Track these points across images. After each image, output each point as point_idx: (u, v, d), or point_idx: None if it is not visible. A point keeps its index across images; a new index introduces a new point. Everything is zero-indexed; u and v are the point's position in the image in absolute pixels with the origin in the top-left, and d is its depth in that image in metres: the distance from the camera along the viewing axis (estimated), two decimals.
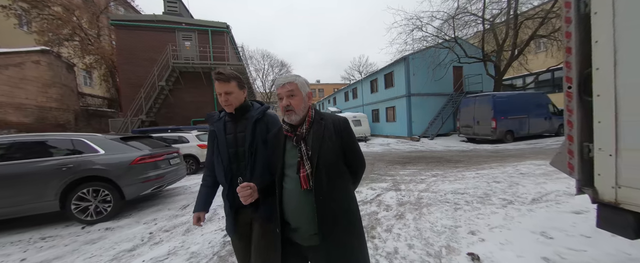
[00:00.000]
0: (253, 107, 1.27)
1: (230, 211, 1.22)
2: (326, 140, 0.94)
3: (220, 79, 1.15)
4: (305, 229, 0.93)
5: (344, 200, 0.94)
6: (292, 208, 0.95)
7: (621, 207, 1.04)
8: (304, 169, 0.91)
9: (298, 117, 0.96)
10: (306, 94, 0.99)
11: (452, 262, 1.84)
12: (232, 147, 1.19)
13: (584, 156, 1.16)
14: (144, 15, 12.51)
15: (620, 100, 1.01)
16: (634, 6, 0.96)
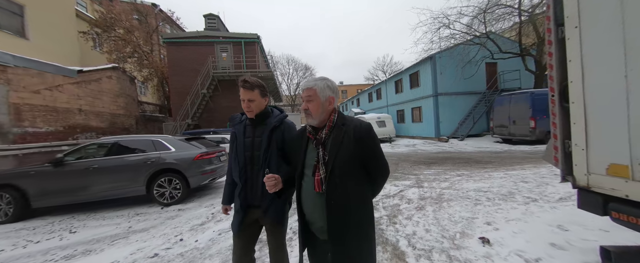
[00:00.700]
0: (273, 114, 1.33)
1: (240, 209, 1.27)
2: (344, 147, 0.93)
3: (245, 86, 1.24)
4: (319, 225, 0.97)
5: (356, 206, 0.94)
6: (308, 205, 1.00)
7: (592, 190, 1.30)
8: (319, 173, 0.94)
9: (315, 120, 0.98)
10: (326, 98, 0.98)
11: (464, 244, 2.14)
12: (248, 150, 1.26)
13: (565, 150, 1.43)
14: (189, 33, 14.29)
15: (587, 107, 1.28)
16: (594, 35, 1.24)
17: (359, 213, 0.94)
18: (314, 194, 0.95)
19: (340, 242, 0.90)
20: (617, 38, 1.14)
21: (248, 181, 1.26)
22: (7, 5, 10.67)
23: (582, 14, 1.29)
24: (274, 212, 1.24)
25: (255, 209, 1.27)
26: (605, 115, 1.21)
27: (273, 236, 1.29)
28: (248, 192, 1.26)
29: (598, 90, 1.24)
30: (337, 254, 0.90)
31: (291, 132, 1.30)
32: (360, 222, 0.94)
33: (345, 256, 0.90)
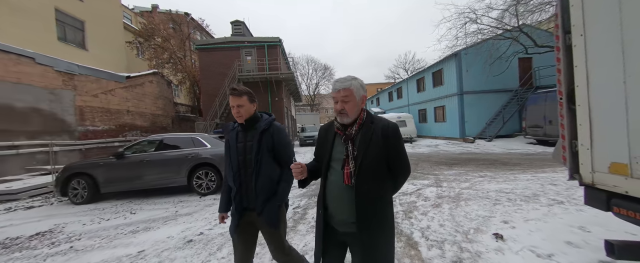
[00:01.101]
0: (262, 119, 1.37)
1: (236, 212, 1.30)
2: (372, 144, 0.98)
3: (234, 93, 1.28)
4: (341, 218, 1.01)
5: (380, 201, 0.99)
6: (333, 197, 1.03)
7: (596, 187, 1.38)
8: (348, 167, 0.98)
9: (350, 119, 1.01)
10: (360, 97, 1.02)
11: (477, 238, 2.26)
12: (241, 154, 1.30)
13: (572, 150, 1.50)
14: (218, 39, 15.39)
15: (592, 110, 1.37)
16: (597, 43, 1.32)
17: (383, 206, 1.00)
18: (341, 187, 0.99)
19: (367, 231, 0.95)
20: (617, 47, 1.23)
21: (242, 184, 1.30)
22: (72, 22, 12.49)
23: (586, 24, 1.38)
24: (268, 215, 1.26)
25: (250, 212, 1.30)
26: (607, 117, 1.30)
27: (270, 238, 1.31)
28: (243, 195, 1.30)
29: (601, 94, 1.32)
30: (364, 243, 0.95)
31: (280, 134, 1.34)
32: (384, 214, 1.00)
33: (371, 244, 0.95)
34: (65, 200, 4.73)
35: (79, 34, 12.95)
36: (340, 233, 1.03)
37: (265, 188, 1.28)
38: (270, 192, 1.29)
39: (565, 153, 1.57)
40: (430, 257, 1.99)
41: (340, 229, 1.02)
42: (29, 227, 3.43)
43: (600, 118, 1.33)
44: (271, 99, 14.76)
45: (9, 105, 7.53)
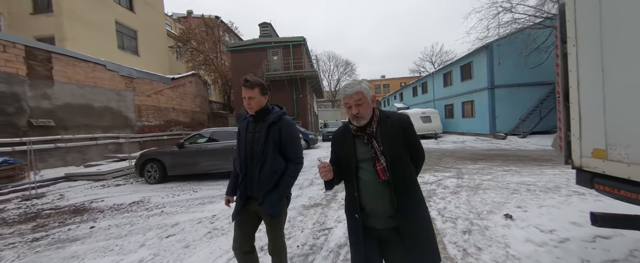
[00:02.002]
0: (273, 111, 1.39)
1: (239, 199, 1.35)
2: (394, 136, 1.04)
3: (246, 85, 1.30)
4: (380, 214, 1.03)
5: (413, 186, 1.05)
6: (369, 196, 1.05)
7: (584, 169, 1.69)
8: (380, 163, 1.01)
9: (366, 121, 1.05)
10: (371, 98, 1.07)
11: (488, 217, 2.61)
12: (249, 144, 1.34)
13: (567, 139, 1.81)
14: (247, 41, 16.52)
15: (581, 107, 1.67)
16: (585, 53, 1.62)
17: (417, 192, 1.06)
18: (376, 184, 1.02)
19: (411, 218, 0.99)
20: (598, 58, 1.53)
21: (248, 173, 1.33)
22: (128, 32, 14.46)
23: (578, 37, 1.67)
24: (269, 205, 1.29)
25: (253, 201, 1.34)
26: (591, 113, 1.61)
27: (270, 227, 1.36)
28: (247, 184, 1.34)
29: (587, 95, 1.63)
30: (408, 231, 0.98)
31: (289, 128, 1.36)
32: (421, 199, 1.06)
33: (415, 229, 0.99)
34: (141, 180, 5.91)
35: (133, 42, 14.96)
36: (377, 230, 1.05)
37: (268, 179, 1.30)
38: (272, 184, 1.31)
39: (561, 142, 1.89)
40: (444, 228, 2.42)
41: (379, 226, 1.04)
42: (124, 198, 4.50)
43: (587, 113, 1.65)
44: (296, 95, 15.53)
45: (90, 105, 9.25)
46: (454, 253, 1.97)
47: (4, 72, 7.01)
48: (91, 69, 9.46)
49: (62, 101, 8.38)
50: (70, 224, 3.26)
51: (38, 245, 2.64)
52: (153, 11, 16.41)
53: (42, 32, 11.09)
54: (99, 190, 5.34)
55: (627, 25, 1.38)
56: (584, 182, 1.73)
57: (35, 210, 4.03)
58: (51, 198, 4.79)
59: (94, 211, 3.79)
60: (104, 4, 12.98)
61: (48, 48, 8.25)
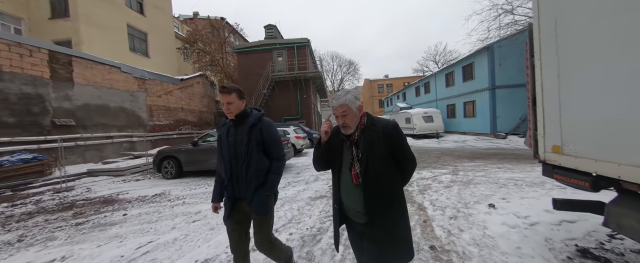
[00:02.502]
0: (251, 114, 1.45)
1: (228, 202, 1.39)
2: (375, 144, 1.08)
3: (224, 91, 1.34)
4: (355, 211, 1.15)
5: (389, 193, 1.10)
6: (346, 195, 1.17)
7: (547, 163, 2.03)
8: (355, 169, 1.10)
9: (352, 129, 1.13)
10: (357, 108, 1.12)
11: (473, 207, 2.95)
12: (232, 147, 1.37)
13: (535, 138, 2.14)
14: (253, 42, 16.95)
15: (544, 110, 2.00)
16: (547, 66, 1.95)
17: (392, 199, 1.10)
18: (352, 186, 1.12)
19: (378, 224, 1.07)
20: (555, 71, 1.87)
21: (233, 175, 1.38)
22: (139, 35, 15.00)
23: (542, 52, 2.01)
24: (257, 203, 1.35)
25: (241, 201, 1.39)
26: (551, 116, 1.94)
27: (258, 226, 1.41)
28: (235, 186, 1.39)
29: (548, 101, 1.96)
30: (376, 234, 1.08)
31: (269, 128, 1.43)
32: (394, 206, 1.10)
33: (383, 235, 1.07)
34: (158, 176, 6.37)
35: (143, 44, 15.51)
36: (356, 223, 1.19)
37: (255, 178, 1.36)
38: (259, 182, 1.37)
39: (531, 140, 2.23)
40: (434, 215, 2.77)
41: (357, 220, 1.16)
42: (147, 191, 4.95)
43: (548, 116, 1.98)
44: (300, 96, 15.91)
45: (106, 105, 9.78)
46: (440, 234, 2.32)
47: (30, 75, 7.54)
48: (107, 71, 9.99)
49: (82, 102, 8.91)
50: (104, 212, 3.70)
51: (82, 228, 3.08)
52: (162, 14, 16.95)
53: (60, 36, 11.66)
54: (121, 184, 5.81)
55: (573, 43, 1.72)
56: (547, 172, 2.07)
57: (69, 200, 4.49)
58: (79, 191, 5.27)
59: (122, 202, 4.24)
60: (116, 8, 13.53)
61: (69, 52, 8.78)
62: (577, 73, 1.70)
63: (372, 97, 41.72)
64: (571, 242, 2.06)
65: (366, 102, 43.87)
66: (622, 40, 1.39)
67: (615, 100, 1.45)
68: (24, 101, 7.35)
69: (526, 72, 2.25)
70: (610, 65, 1.47)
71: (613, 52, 1.45)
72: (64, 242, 2.70)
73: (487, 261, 1.85)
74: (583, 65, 1.65)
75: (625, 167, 1.41)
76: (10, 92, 7.07)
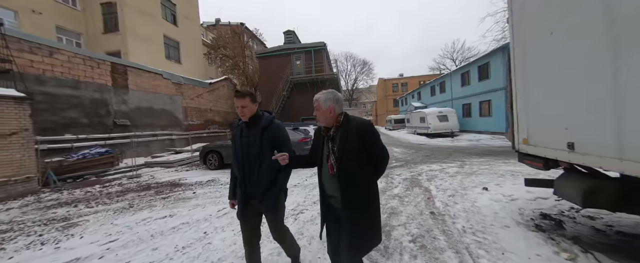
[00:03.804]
0: (263, 117, 1.54)
1: (241, 199, 1.48)
2: (348, 140, 1.24)
3: (238, 95, 1.45)
4: (334, 198, 1.31)
5: (362, 185, 1.25)
6: (327, 184, 1.34)
7: (520, 152, 2.72)
8: (330, 160, 1.27)
9: (323, 123, 1.32)
10: (327, 108, 1.28)
11: (470, 190, 3.65)
12: (245, 148, 1.47)
13: (513, 133, 2.83)
14: (273, 47, 18.16)
15: (518, 113, 2.69)
16: (518, 79, 2.65)
17: (365, 189, 1.25)
18: (329, 176, 1.28)
19: (350, 209, 1.23)
20: (524, 83, 2.57)
21: (246, 174, 1.47)
22: (173, 44, 16.71)
23: (516, 68, 2.70)
24: (268, 201, 1.46)
25: (253, 198, 1.48)
26: (522, 117, 2.63)
27: (272, 219, 1.53)
28: (247, 184, 1.48)
29: (520, 105, 2.66)
30: (348, 217, 1.22)
31: (279, 130, 1.52)
32: (367, 195, 1.25)
33: (355, 219, 1.22)
34: (203, 167, 7.57)
35: (176, 52, 17.25)
36: (336, 209, 1.31)
37: (266, 176, 1.46)
38: (271, 180, 1.47)
39: (510, 136, 2.92)
40: (436, 194, 3.52)
41: (337, 205, 1.30)
42: (199, 177, 6.08)
43: (520, 117, 2.68)
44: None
45: (152, 108, 11.32)
46: (439, 205, 3.09)
47: (98, 83, 9.12)
48: (152, 77, 11.54)
49: (134, 105, 10.47)
50: (177, 191, 4.82)
51: (169, 201, 4.18)
52: (191, 24, 18.66)
53: (111, 48, 13.49)
54: (175, 173, 7.05)
55: (532, 67, 2.43)
56: (520, 159, 2.78)
57: (144, 184, 5.72)
58: (146, 177, 6.54)
59: (186, 185, 5.37)
60: (155, 21, 15.27)
61: (125, 63, 10.37)
62: (534, 88, 2.42)
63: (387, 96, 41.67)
64: (538, 210, 2.75)
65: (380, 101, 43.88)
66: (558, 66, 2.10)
67: (550, 106, 2.17)
68: (94, 105, 8.93)
69: (507, 83, 2.95)
70: (549, 84, 2.18)
71: (551, 75, 2.17)
72: (162, 208, 3.79)
73: (470, 219, 2.60)
74: (537, 83, 2.37)
75: (559, 151, 2.12)
76: (84, 98, 8.66)
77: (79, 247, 2.57)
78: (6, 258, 2.40)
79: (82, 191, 5.20)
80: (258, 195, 1.46)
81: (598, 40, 1.68)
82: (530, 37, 2.44)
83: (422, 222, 2.65)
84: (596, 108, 1.73)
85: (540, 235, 2.22)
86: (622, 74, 1.54)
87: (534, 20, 2.39)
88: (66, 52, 8.23)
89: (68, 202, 4.39)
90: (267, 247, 2.19)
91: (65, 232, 2.99)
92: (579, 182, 2.05)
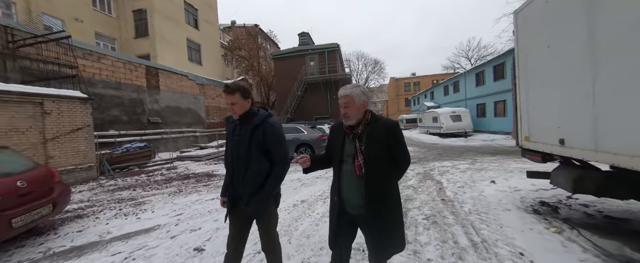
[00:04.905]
0: (258, 114, 1.43)
1: (229, 200, 1.41)
2: (376, 140, 1.19)
3: (227, 91, 1.34)
4: (353, 202, 1.23)
5: (387, 185, 1.21)
6: (347, 186, 1.25)
7: (523, 147, 3.09)
8: (358, 160, 1.19)
9: (352, 121, 1.23)
10: (361, 103, 1.22)
11: (479, 182, 4.04)
12: (235, 147, 1.40)
13: (517, 131, 3.22)
14: (288, 49, 18.83)
15: (521, 114, 3.08)
16: (522, 83, 3.03)
17: (390, 191, 1.22)
18: (353, 177, 1.22)
19: (377, 213, 1.17)
20: (526, 87, 2.96)
21: (235, 174, 1.40)
22: (195, 46, 17.78)
23: (520, 74, 3.08)
24: (253, 206, 1.34)
25: (240, 201, 1.39)
26: (525, 117, 3.02)
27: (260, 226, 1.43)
28: (235, 185, 1.41)
29: (522, 108, 3.05)
30: (375, 223, 1.18)
31: (273, 130, 1.39)
32: (391, 197, 1.22)
33: (381, 225, 1.18)
34: None
35: (197, 54, 18.34)
36: (352, 215, 1.24)
37: (252, 181, 1.35)
38: (257, 185, 1.35)
39: (515, 134, 3.31)
40: (447, 185, 3.95)
41: (353, 212, 1.23)
42: None
43: (523, 117, 3.07)
44: (330, 96, 17.34)
45: (179, 107, 12.29)
46: (449, 194, 3.53)
47: (135, 84, 10.13)
48: (179, 79, 12.52)
49: (164, 104, 11.46)
50: (214, 180, 5.51)
51: (210, 187, 4.85)
52: (211, 27, 19.70)
53: (142, 51, 14.64)
54: (205, 166, 7.82)
55: (533, 73, 2.83)
56: (523, 154, 3.17)
57: (182, 174, 6.49)
58: (182, 169, 7.34)
59: (220, 175, 6.07)
60: (179, 26, 16.35)
61: (157, 66, 11.37)
62: (533, 91, 2.81)
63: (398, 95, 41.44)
64: (538, 199, 3.13)
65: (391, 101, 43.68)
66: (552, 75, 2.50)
67: (546, 108, 2.57)
68: (132, 104, 9.94)
69: (512, 87, 3.33)
70: (546, 90, 2.58)
71: (547, 82, 2.57)
72: (208, 192, 4.46)
73: (476, 204, 3.04)
74: (536, 88, 2.76)
75: (553, 146, 2.52)
76: (124, 98, 9.67)
77: (155, 218, 3.25)
78: (104, 224, 3.12)
79: (132, 179, 6.03)
80: (245, 198, 1.36)
81: (582, 58, 2.09)
82: (531, 49, 2.84)
83: (434, 206, 3.12)
84: (579, 111, 2.14)
85: (536, 217, 2.62)
86: (596, 85, 1.95)
87: (534, 34, 2.78)
88: (110, 57, 9.26)
89: (126, 187, 5.19)
90: None
91: (138, 207, 3.71)
92: (569, 172, 2.44)
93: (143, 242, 2.53)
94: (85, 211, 3.63)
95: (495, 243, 2.07)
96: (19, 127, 4.81)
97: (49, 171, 2.91)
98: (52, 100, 5.29)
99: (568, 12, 2.24)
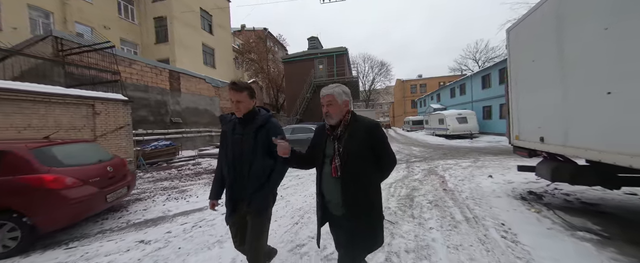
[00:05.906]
0: (260, 114, 1.45)
1: (229, 202, 1.40)
2: (356, 141, 1.17)
3: (234, 88, 1.35)
4: (335, 203, 1.23)
5: (366, 187, 1.19)
6: (326, 186, 1.25)
7: (514, 145, 3.60)
8: (335, 162, 1.18)
9: (334, 120, 1.22)
10: (342, 102, 1.22)
11: (478, 177, 4.55)
12: (237, 146, 1.39)
13: (509, 131, 3.72)
14: (298, 53, 19.57)
15: (512, 116, 3.59)
16: (513, 88, 3.54)
17: (369, 193, 1.19)
18: (331, 178, 1.20)
19: (353, 216, 1.17)
20: (517, 92, 3.48)
21: (237, 175, 1.39)
22: (209, 51, 18.71)
23: (511, 79, 3.60)
24: (256, 203, 1.37)
25: (242, 202, 1.40)
26: (515, 119, 3.54)
27: (253, 225, 1.40)
28: (237, 186, 1.40)
29: (513, 110, 3.57)
30: (351, 225, 1.17)
31: (276, 130, 1.43)
32: (370, 200, 1.20)
33: (357, 227, 1.17)
34: None
35: (211, 58, 19.27)
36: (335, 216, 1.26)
37: (257, 177, 1.38)
38: (261, 181, 1.39)
39: (508, 133, 3.83)
40: (449, 179, 4.48)
41: (335, 212, 1.25)
42: None
43: (514, 119, 3.59)
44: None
45: (197, 108, 13.12)
46: (450, 186, 4.06)
47: (160, 87, 10.99)
48: (197, 82, 13.37)
49: (185, 106, 12.30)
50: None
51: None
52: (223, 31, 20.63)
53: (162, 56, 15.61)
54: None
55: (522, 80, 3.36)
56: (514, 150, 3.68)
57: (209, 169, 7.19)
58: (206, 165, 8.06)
59: None
60: (196, 31, 17.30)
61: (178, 70, 12.23)
62: (522, 97, 3.34)
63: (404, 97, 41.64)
64: (527, 189, 3.64)
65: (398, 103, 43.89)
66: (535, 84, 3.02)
67: (531, 112, 3.10)
68: (157, 105, 10.79)
69: (505, 90, 3.86)
70: (531, 96, 3.12)
71: (532, 90, 3.10)
72: None
73: (472, 193, 3.58)
74: (524, 95, 3.29)
75: (536, 143, 3.04)
76: (151, 100, 10.53)
77: (201, 201, 3.91)
78: (161, 205, 3.80)
79: (165, 172, 6.77)
80: (246, 197, 1.38)
81: (554, 71, 2.63)
82: (521, 62, 3.37)
83: (436, 194, 3.66)
84: (553, 114, 2.67)
85: (522, 202, 3.14)
86: (565, 93, 2.49)
87: (523, 50, 3.31)
88: (140, 63, 10.14)
89: (163, 179, 5.91)
90: None
91: (183, 194, 4.39)
92: (549, 165, 2.96)
93: (201, 216, 3.19)
94: (140, 196, 4.33)
95: (484, 218, 2.62)
96: (76, 126, 5.60)
97: (122, 161, 3.61)
98: (101, 102, 6.08)
99: (545, 32, 2.78)
